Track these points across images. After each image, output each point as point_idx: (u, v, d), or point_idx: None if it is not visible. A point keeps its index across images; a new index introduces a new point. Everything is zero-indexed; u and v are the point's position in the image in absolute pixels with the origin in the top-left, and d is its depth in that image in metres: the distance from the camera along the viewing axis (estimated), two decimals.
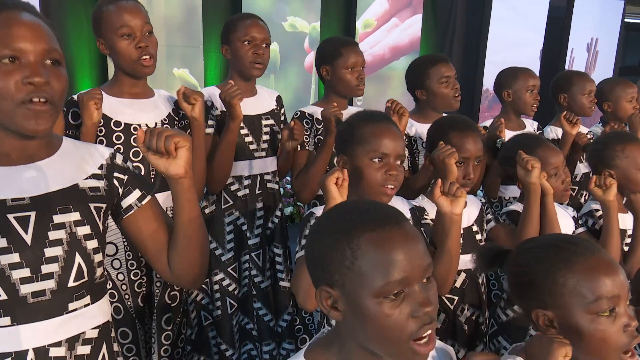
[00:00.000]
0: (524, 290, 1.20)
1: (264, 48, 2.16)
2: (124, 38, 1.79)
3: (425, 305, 0.87)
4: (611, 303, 1.10)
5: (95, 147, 1.27)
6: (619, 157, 2.11)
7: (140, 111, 1.89)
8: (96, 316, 1.20)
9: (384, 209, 0.96)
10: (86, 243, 1.16)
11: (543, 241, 1.27)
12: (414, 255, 0.88)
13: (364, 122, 1.59)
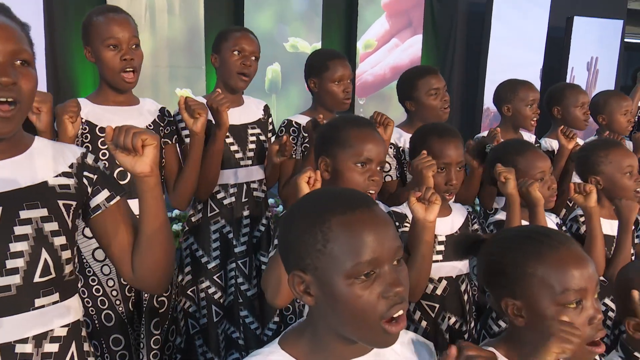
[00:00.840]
0: (494, 279, 1.21)
1: (252, 60, 2.21)
2: (110, 49, 1.84)
3: (395, 286, 0.89)
4: (578, 295, 1.10)
5: (67, 146, 1.28)
6: (604, 163, 2.13)
7: (125, 118, 1.93)
8: (65, 314, 1.21)
9: (355, 193, 0.99)
10: (53, 239, 1.16)
11: (516, 232, 1.29)
12: (384, 237, 0.90)
13: (348, 126, 1.62)
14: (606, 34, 6.53)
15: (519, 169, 1.95)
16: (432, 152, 1.86)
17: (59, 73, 4.42)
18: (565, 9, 6.27)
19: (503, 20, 5.99)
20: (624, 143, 2.79)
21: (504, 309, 1.17)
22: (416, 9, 5.98)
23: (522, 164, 1.97)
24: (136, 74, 1.90)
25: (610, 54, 6.64)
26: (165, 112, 2.10)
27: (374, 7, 5.80)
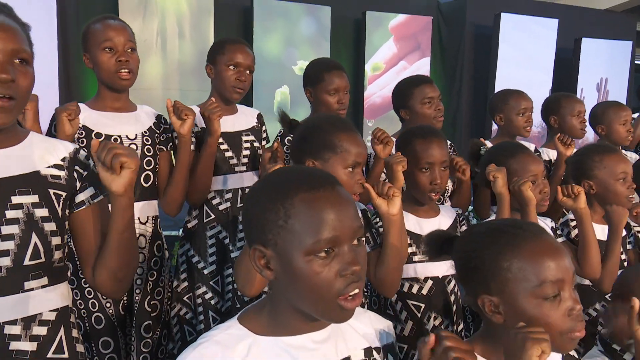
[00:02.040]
0: (470, 276, 1.17)
1: (246, 74, 2.25)
2: (105, 51, 1.91)
3: (353, 265, 0.91)
4: (556, 287, 1.07)
5: (60, 142, 1.34)
6: (598, 168, 2.14)
7: (121, 124, 1.99)
8: (54, 299, 1.25)
9: (319, 173, 1.02)
10: (43, 225, 1.21)
11: (489, 226, 1.25)
12: (345, 217, 0.93)
13: (336, 130, 1.64)
14: (615, 56, 6.54)
15: (512, 172, 1.97)
16: (415, 153, 1.89)
17: (70, 77, 4.52)
18: (573, 31, 6.31)
19: (510, 42, 6.04)
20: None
21: (481, 306, 1.13)
22: (424, 32, 6.06)
23: (515, 167, 1.98)
24: (132, 74, 1.95)
25: (620, 75, 6.64)
26: (162, 119, 2.15)
27: (381, 31, 5.89)
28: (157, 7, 4.81)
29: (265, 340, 0.98)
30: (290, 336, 0.99)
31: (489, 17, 6.02)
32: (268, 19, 5.33)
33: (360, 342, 1.07)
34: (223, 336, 0.98)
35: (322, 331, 1.02)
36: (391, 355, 1.12)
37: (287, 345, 0.98)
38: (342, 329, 1.05)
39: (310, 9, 5.55)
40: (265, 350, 0.97)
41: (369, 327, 1.10)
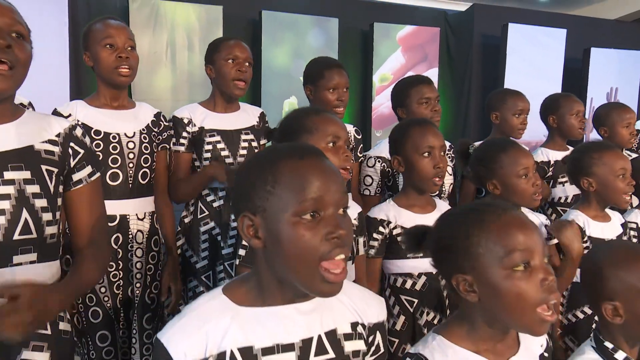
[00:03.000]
0: (443, 258, 1.19)
1: (246, 66, 2.28)
2: (106, 48, 1.96)
3: (338, 229, 0.94)
4: (525, 256, 1.08)
5: (56, 118, 1.39)
6: (597, 165, 2.13)
7: (120, 121, 2.03)
8: (43, 275, 1.28)
9: (306, 145, 1.07)
10: (34, 201, 1.25)
11: (460, 208, 1.29)
12: (330, 183, 0.97)
13: (309, 114, 1.67)
14: (625, 65, 6.51)
15: (503, 166, 1.96)
16: (415, 140, 1.92)
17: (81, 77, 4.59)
18: (581, 41, 6.30)
19: (518, 53, 6.04)
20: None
21: (456, 286, 1.15)
22: (431, 43, 6.09)
23: (505, 161, 1.97)
24: (132, 71, 1.99)
25: (630, 84, 6.60)
26: (161, 117, 2.18)
27: (389, 42, 5.93)
28: (166, 20, 4.90)
29: (248, 311, 1.00)
30: (275, 306, 1.01)
31: (496, 28, 6.04)
32: (276, 30, 5.41)
33: (348, 315, 1.08)
34: (205, 308, 1.01)
35: (308, 302, 1.03)
36: (380, 333, 1.13)
37: (270, 315, 1.00)
38: (330, 302, 1.06)
39: (318, 20, 5.62)
40: (248, 321, 0.99)
41: (359, 302, 1.11)
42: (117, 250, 2.00)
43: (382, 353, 1.15)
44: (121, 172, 2.00)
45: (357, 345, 1.07)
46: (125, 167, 2.01)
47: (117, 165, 2.00)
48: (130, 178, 2.02)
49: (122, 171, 2.00)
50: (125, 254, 2.00)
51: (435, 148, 1.92)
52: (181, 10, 4.98)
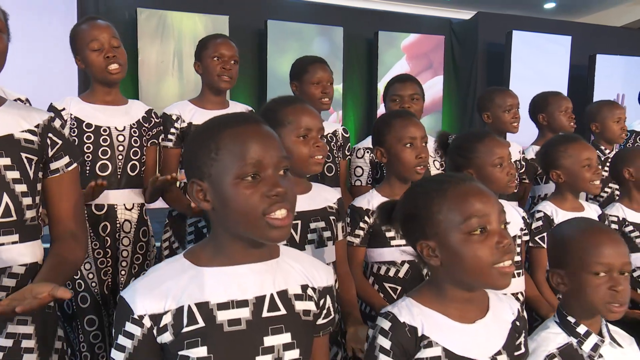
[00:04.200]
0: (409, 227, 1.26)
1: (231, 64, 2.37)
2: (94, 51, 2.05)
3: (276, 187, 1.02)
4: (481, 222, 1.15)
5: (36, 110, 1.46)
6: (563, 157, 2.19)
7: (111, 116, 2.13)
8: (24, 254, 1.36)
9: (245, 113, 1.16)
10: (14, 186, 1.33)
11: (423, 180, 1.36)
12: (268, 145, 1.04)
13: (282, 105, 1.73)
14: (632, 71, 6.51)
15: (479, 156, 1.99)
16: (397, 131, 1.98)
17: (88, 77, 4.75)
18: (586, 48, 6.32)
19: (522, 60, 6.08)
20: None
21: (420, 252, 1.22)
22: (436, 51, 6.16)
23: (482, 151, 2.00)
24: (121, 67, 2.08)
25: (637, 90, 6.58)
26: (152, 113, 2.27)
27: (393, 50, 6.01)
28: (174, 30, 5.04)
29: (206, 270, 1.07)
30: (231, 266, 1.08)
31: (501, 35, 6.10)
32: (282, 40, 5.52)
33: (299, 279, 1.15)
34: (166, 269, 1.09)
35: (262, 264, 1.11)
36: (329, 297, 1.19)
37: (226, 274, 1.07)
38: (283, 266, 1.14)
39: (323, 29, 5.72)
40: (205, 279, 1.06)
41: (309, 268, 1.18)
42: (106, 238, 2.07)
43: (332, 318, 1.22)
44: (110, 164, 2.08)
45: (308, 305, 1.14)
46: (115, 159, 2.09)
47: (106, 157, 2.08)
48: (119, 170, 2.10)
49: (112, 163, 2.09)
50: (113, 242, 2.08)
51: (417, 138, 1.98)
52: (188, 21, 5.12)
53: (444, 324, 1.20)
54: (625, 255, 1.38)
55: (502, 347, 1.23)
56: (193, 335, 1.02)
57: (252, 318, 1.06)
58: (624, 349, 1.43)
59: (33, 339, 1.37)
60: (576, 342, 1.39)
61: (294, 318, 1.11)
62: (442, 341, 1.19)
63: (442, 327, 1.20)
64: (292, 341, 1.08)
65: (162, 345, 1.04)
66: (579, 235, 1.44)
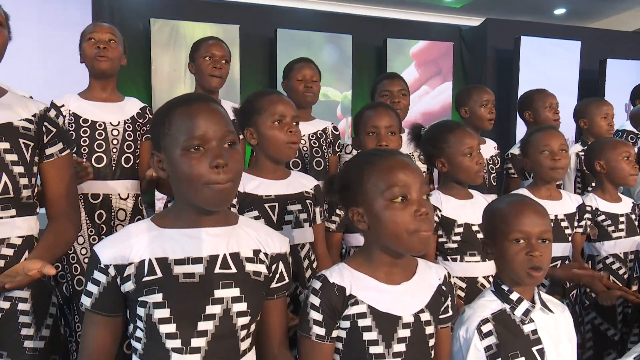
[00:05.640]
0: (344, 196, 1.38)
1: (222, 63, 2.53)
2: (89, 42, 2.23)
3: (217, 158, 1.14)
4: (403, 191, 1.27)
5: (34, 101, 1.61)
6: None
7: (106, 112, 2.27)
8: (21, 227, 1.51)
9: (196, 94, 1.30)
10: (12, 167, 1.48)
11: (359, 154, 1.48)
12: (213, 120, 1.17)
13: (259, 96, 1.86)
14: None
15: (450, 145, 2.06)
16: (363, 122, 2.12)
17: None
18: (597, 53, 6.33)
19: (531, 65, 6.11)
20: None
21: (351, 218, 1.35)
22: (445, 58, 6.24)
23: (452, 141, 2.06)
24: (109, 61, 2.23)
25: None
26: (147, 110, 2.40)
27: (402, 58, 6.10)
28: (186, 40, 5.20)
29: (167, 231, 1.21)
30: (189, 229, 1.21)
31: (510, 42, 6.14)
32: (291, 48, 5.64)
33: (251, 244, 1.27)
34: (134, 228, 1.23)
35: (218, 228, 1.24)
36: (282, 264, 1.31)
37: (184, 235, 1.21)
38: (238, 232, 1.27)
39: (332, 37, 5.85)
40: (166, 238, 1.20)
41: (263, 235, 1.30)
42: (101, 225, 2.20)
43: (287, 282, 1.33)
44: (105, 156, 2.22)
45: (258, 267, 1.26)
46: (109, 152, 2.23)
47: (101, 150, 2.22)
48: (114, 162, 2.23)
49: (106, 155, 2.22)
50: (108, 229, 2.20)
51: (380, 127, 2.11)
52: (200, 30, 5.27)
53: (370, 285, 1.32)
54: (544, 225, 1.47)
55: (425, 306, 1.34)
56: (151, 284, 1.16)
57: (205, 273, 1.19)
58: (554, 314, 1.51)
59: (29, 302, 1.49)
60: (509, 307, 1.48)
61: (243, 276, 1.22)
62: (367, 299, 1.30)
63: (369, 287, 1.32)
64: (241, 295, 1.21)
65: (125, 294, 1.18)
66: (503, 207, 1.54)
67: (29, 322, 1.47)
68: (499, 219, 1.52)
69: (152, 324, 1.16)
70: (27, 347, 1.46)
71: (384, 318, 1.30)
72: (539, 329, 1.47)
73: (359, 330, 1.29)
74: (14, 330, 1.45)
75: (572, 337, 1.56)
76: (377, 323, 1.29)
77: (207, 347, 1.17)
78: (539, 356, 1.44)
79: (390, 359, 1.29)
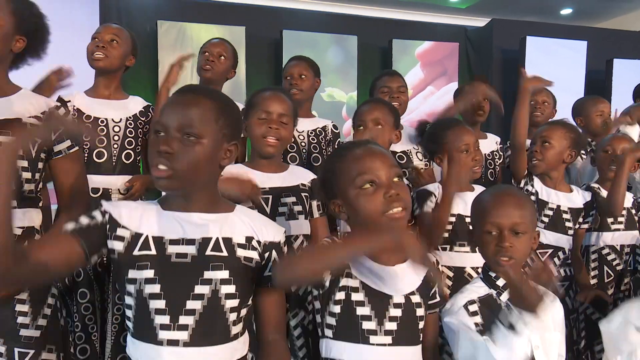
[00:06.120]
0: (325, 190, 1.45)
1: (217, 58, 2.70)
2: (93, 42, 2.31)
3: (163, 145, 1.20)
4: (371, 177, 1.33)
5: (45, 99, 1.67)
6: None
7: (109, 109, 2.33)
8: (21, 219, 1.56)
9: (193, 85, 1.35)
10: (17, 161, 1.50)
11: (336, 148, 1.54)
12: (176, 112, 1.22)
13: (258, 91, 1.95)
14: None
15: (448, 142, 2.13)
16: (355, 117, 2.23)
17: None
18: (603, 52, 6.31)
19: (537, 65, 6.07)
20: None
21: (333, 210, 1.41)
22: (451, 58, 6.25)
23: (450, 137, 2.14)
24: (106, 58, 2.29)
25: None
26: (150, 109, 2.45)
27: (407, 58, 6.13)
28: (192, 41, 5.25)
29: (167, 213, 1.27)
30: (186, 212, 1.27)
31: (515, 42, 6.15)
32: (297, 49, 5.65)
33: (245, 231, 1.31)
34: (141, 204, 1.32)
35: (214, 214, 1.29)
36: (275, 252, 1.33)
37: (181, 218, 1.27)
38: (233, 219, 1.31)
39: (337, 38, 5.89)
40: (165, 219, 1.26)
41: (258, 224, 1.34)
42: None
43: None
44: (106, 152, 2.27)
45: (250, 254, 1.29)
46: (110, 148, 2.28)
47: (102, 145, 2.26)
48: (114, 157, 2.28)
49: (107, 151, 2.27)
50: None
51: (367, 121, 2.19)
52: (206, 32, 5.32)
53: (365, 263, 1.36)
54: (518, 217, 1.50)
55: (415, 289, 1.39)
56: (144, 259, 1.22)
57: (197, 254, 1.24)
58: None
59: (26, 291, 1.53)
60: (495, 293, 1.52)
61: (234, 260, 1.27)
62: (360, 275, 1.35)
63: (364, 265, 1.36)
64: (230, 278, 1.25)
65: (110, 256, 1.24)
66: (483, 197, 1.60)
67: (25, 311, 1.51)
68: (478, 209, 1.58)
69: (142, 299, 1.21)
70: (23, 335, 1.50)
71: (376, 296, 1.35)
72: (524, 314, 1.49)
73: (353, 304, 1.34)
74: (10, 318, 1.49)
75: (560, 326, 1.58)
76: (369, 299, 1.34)
77: (195, 326, 1.21)
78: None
79: (382, 336, 1.34)
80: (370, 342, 1.33)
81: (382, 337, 1.34)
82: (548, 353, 1.47)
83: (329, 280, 1.34)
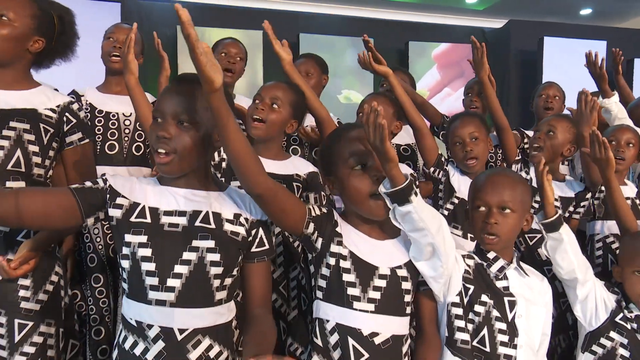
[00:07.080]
0: (323, 170, 1.56)
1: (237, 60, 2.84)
2: (108, 42, 2.44)
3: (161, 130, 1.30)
4: (362, 159, 1.43)
5: (61, 95, 1.78)
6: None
7: (120, 104, 2.43)
8: None
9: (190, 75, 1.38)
10: (28, 145, 1.63)
11: (334, 129, 1.63)
12: (173, 99, 1.31)
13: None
14: None
15: (448, 135, 2.29)
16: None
17: None
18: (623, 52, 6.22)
19: (555, 66, 6.09)
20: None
21: (328, 187, 1.51)
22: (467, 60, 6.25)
23: (450, 131, 2.30)
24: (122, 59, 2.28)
25: None
26: None
27: (424, 60, 6.17)
28: (211, 45, 5.37)
29: (164, 188, 1.39)
30: (180, 188, 1.38)
31: (533, 43, 6.14)
32: (314, 52, 5.74)
33: (234, 208, 1.41)
34: (141, 179, 1.42)
35: (207, 192, 1.40)
36: (263, 230, 1.43)
37: (176, 193, 1.38)
38: (224, 197, 1.41)
39: (353, 41, 5.93)
40: (161, 193, 1.38)
41: (248, 203, 1.43)
42: None
43: (267, 248, 1.44)
44: (117, 144, 2.37)
45: (237, 229, 1.38)
46: (121, 141, 2.38)
47: (114, 138, 2.37)
48: (125, 150, 2.38)
49: (118, 143, 2.37)
50: None
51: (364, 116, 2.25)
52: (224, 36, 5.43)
53: (356, 235, 1.46)
54: (507, 195, 1.57)
55: (403, 263, 1.46)
56: (139, 226, 1.33)
57: (187, 225, 1.34)
58: (529, 277, 1.58)
59: None
60: (485, 264, 1.59)
61: (220, 232, 1.36)
62: (349, 245, 1.44)
63: (354, 236, 1.46)
64: (215, 247, 1.34)
65: (111, 227, 1.36)
66: (478, 178, 1.67)
67: (27, 285, 1.60)
68: (472, 187, 1.65)
69: (135, 261, 1.32)
70: (23, 307, 1.59)
71: (362, 265, 1.43)
72: (511, 286, 1.57)
73: (340, 270, 1.42)
74: (13, 290, 1.59)
75: (548, 304, 1.62)
76: (355, 267, 1.42)
77: (181, 288, 1.31)
78: (509, 307, 1.53)
79: (365, 303, 1.41)
80: (353, 307, 1.41)
81: (365, 304, 1.41)
82: (531, 326, 1.52)
83: (320, 243, 1.43)
